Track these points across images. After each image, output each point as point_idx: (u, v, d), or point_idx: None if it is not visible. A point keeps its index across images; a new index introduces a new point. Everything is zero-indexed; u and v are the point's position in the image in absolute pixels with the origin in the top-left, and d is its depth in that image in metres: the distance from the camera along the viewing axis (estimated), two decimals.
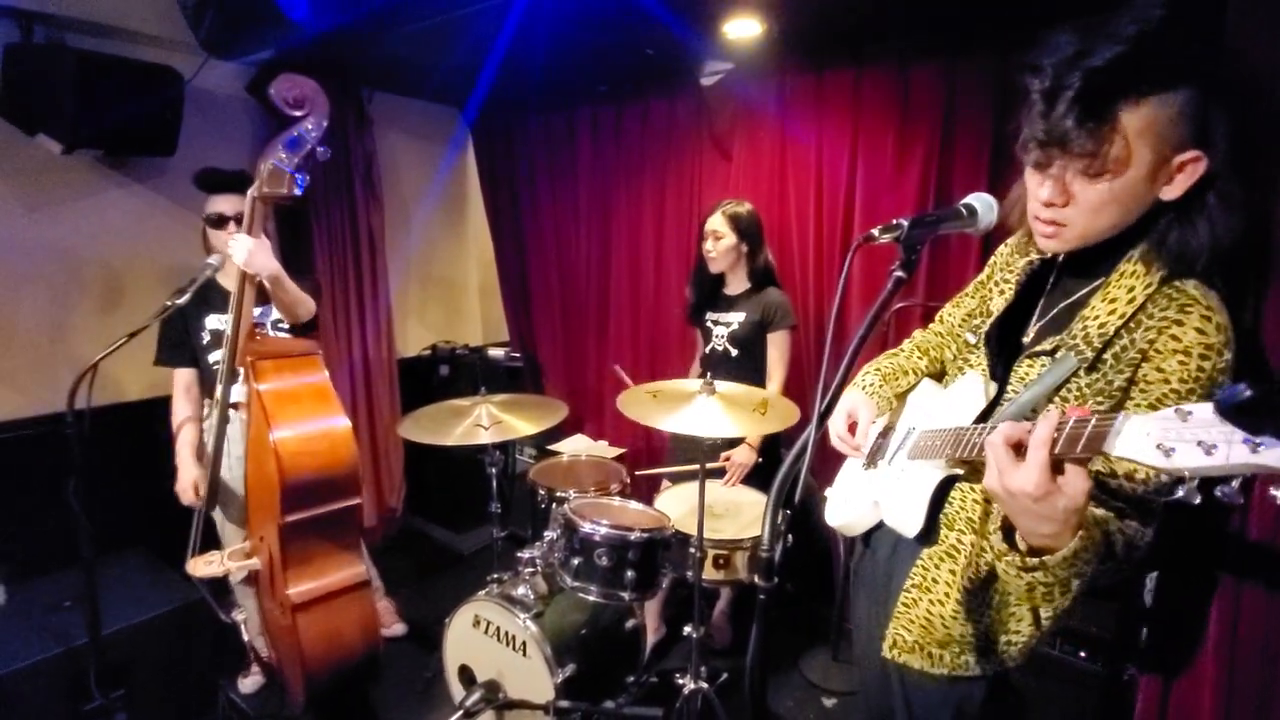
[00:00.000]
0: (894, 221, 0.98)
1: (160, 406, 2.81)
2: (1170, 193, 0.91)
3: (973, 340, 1.22)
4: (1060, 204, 0.95)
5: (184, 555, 2.05)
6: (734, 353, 2.47)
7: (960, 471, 1.11)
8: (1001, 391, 1.10)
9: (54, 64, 2.27)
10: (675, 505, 2.27)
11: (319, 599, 1.86)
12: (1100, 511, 0.93)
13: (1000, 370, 1.13)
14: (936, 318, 1.46)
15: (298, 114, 1.80)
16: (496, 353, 3.84)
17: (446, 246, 4.12)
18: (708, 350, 2.54)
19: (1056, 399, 1.00)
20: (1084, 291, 1.03)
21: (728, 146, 3.01)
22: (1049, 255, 1.13)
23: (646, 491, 2.69)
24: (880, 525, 1.27)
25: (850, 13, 2.26)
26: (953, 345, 1.38)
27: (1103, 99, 0.86)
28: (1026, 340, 1.10)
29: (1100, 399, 0.96)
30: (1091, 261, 1.02)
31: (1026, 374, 1.06)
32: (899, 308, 2.50)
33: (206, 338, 2.21)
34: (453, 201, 4.12)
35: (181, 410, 2.25)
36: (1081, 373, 0.97)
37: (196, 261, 2.04)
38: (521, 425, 2.25)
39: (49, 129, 2.31)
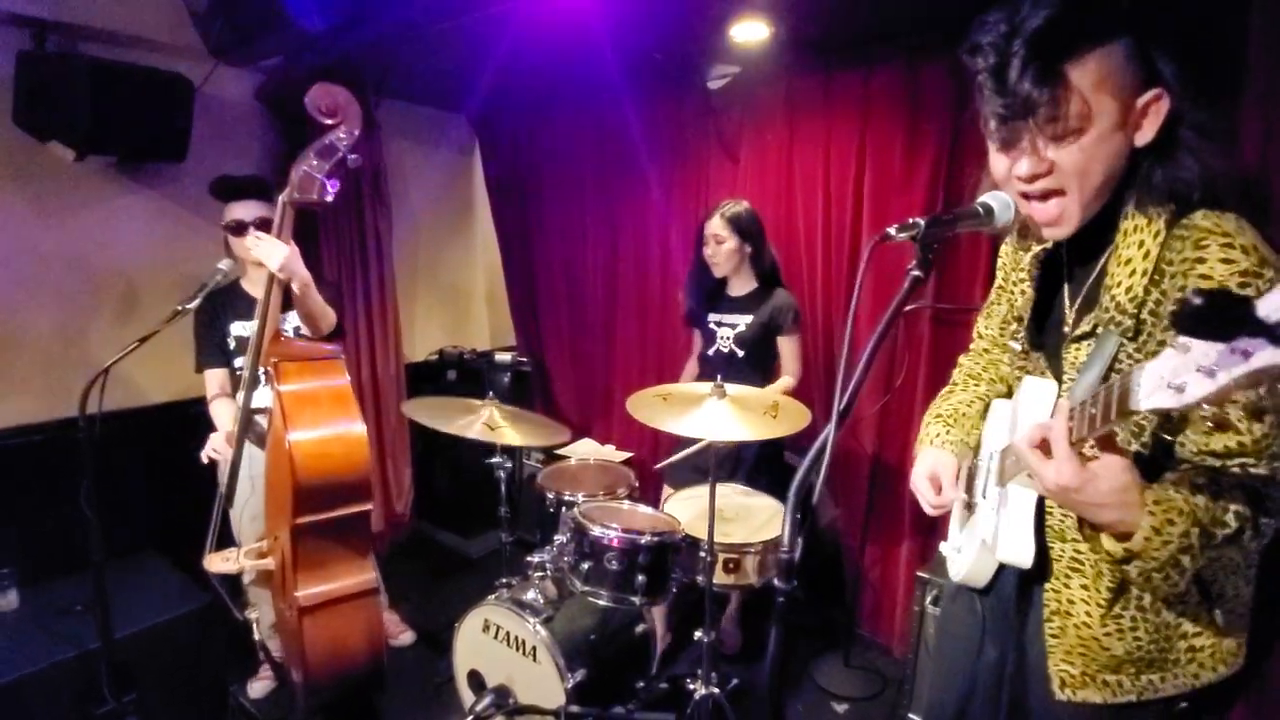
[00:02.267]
0: (910, 220, 0.97)
1: (174, 410, 2.86)
2: (1143, 136, 0.91)
3: (1018, 348, 1.19)
4: (1044, 173, 0.94)
5: (196, 558, 2.05)
6: (740, 354, 2.46)
7: None
8: (1061, 384, 1.07)
9: (67, 72, 2.29)
10: (685, 509, 2.26)
11: (326, 603, 1.86)
12: (1185, 493, 0.88)
13: (1055, 363, 1.10)
14: (975, 334, 1.42)
15: (330, 122, 1.84)
16: (504, 357, 3.84)
17: (454, 251, 4.13)
18: (710, 352, 2.52)
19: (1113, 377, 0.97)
20: (1102, 260, 1.01)
21: (735, 149, 3.01)
22: (1052, 243, 1.11)
23: (656, 488, 2.68)
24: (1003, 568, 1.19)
25: (858, 14, 2.26)
26: (1005, 357, 1.31)
27: (1048, 59, 0.87)
28: (1068, 328, 1.07)
29: None
30: (1096, 233, 1.00)
31: (1075, 359, 1.04)
32: (908, 310, 2.49)
33: (232, 344, 2.26)
34: (460, 207, 4.13)
35: (220, 404, 2.27)
36: (1127, 340, 0.94)
37: (208, 266, 2.05)
38: (522, 438, 2.25)
39: (61, 136, 2.33)
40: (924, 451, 1.27)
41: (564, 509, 2.16)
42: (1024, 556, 1.06)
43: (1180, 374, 0.65)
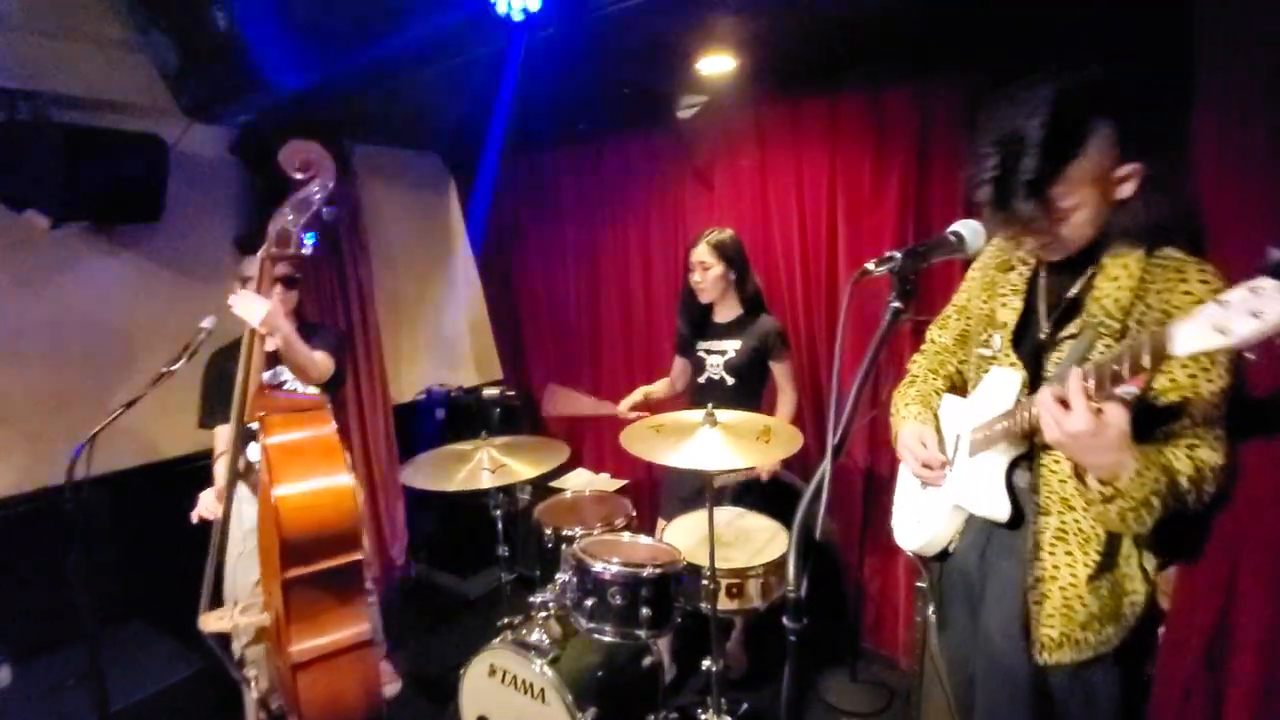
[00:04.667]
0: (887, 254, 1.01)
1: (155, 471, 2.82)
2: (1124, 193, 1.12)
3: (988, 353, 1.34)
4: (1047, 242, 1.16)
5: (186, 622, 2.02)
6: (730, 381, 2.48)
7: (1023, 450, 1.24)
8: (1039, 378, 1.24)
9: (40, 140, 2.29)
10: (684, 537, 2.27)
11: (320, 658, 1.84)
12: (1158, 450, 1.08)
13: (1031, 363, 1.27)
14: (927, 339, 1.58)
15: (304, 177, 1.91)
16: (492, 392, 3.83)
17: (435, 289, 4.14)
18: (702, 380, 2.54)
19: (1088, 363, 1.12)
20: (1084, 279, 1.20)
21: (709, 176, 3.06)
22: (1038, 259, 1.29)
23: (654, 513, 2.68)
24: (956, 540, 1.39)
25: (819, 45, 2.33)
26: (952, 362, 1.54)
27: (1043, 187, 1.06)
28: (1043, 335, 1.26)
29: None
30: (1075, 260, 1.20)
31: (1058, 359, 1.21)
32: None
33: (234, 403, 2.22)
34: (439, 244, 4.14)
35: (224, 461, 2.24)
36: (1114, 342, 1.12)
37: (190, 325, 2.05)
38: (524, 469, 2.26)
39: (37, 204, 2.32)
40: (907, 425, 1.45)
41: (563, 545, 2.16)
42: (1001, 510, 1.26)
43: (1223, 320, 0.81)
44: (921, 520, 1.45)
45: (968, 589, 1.39)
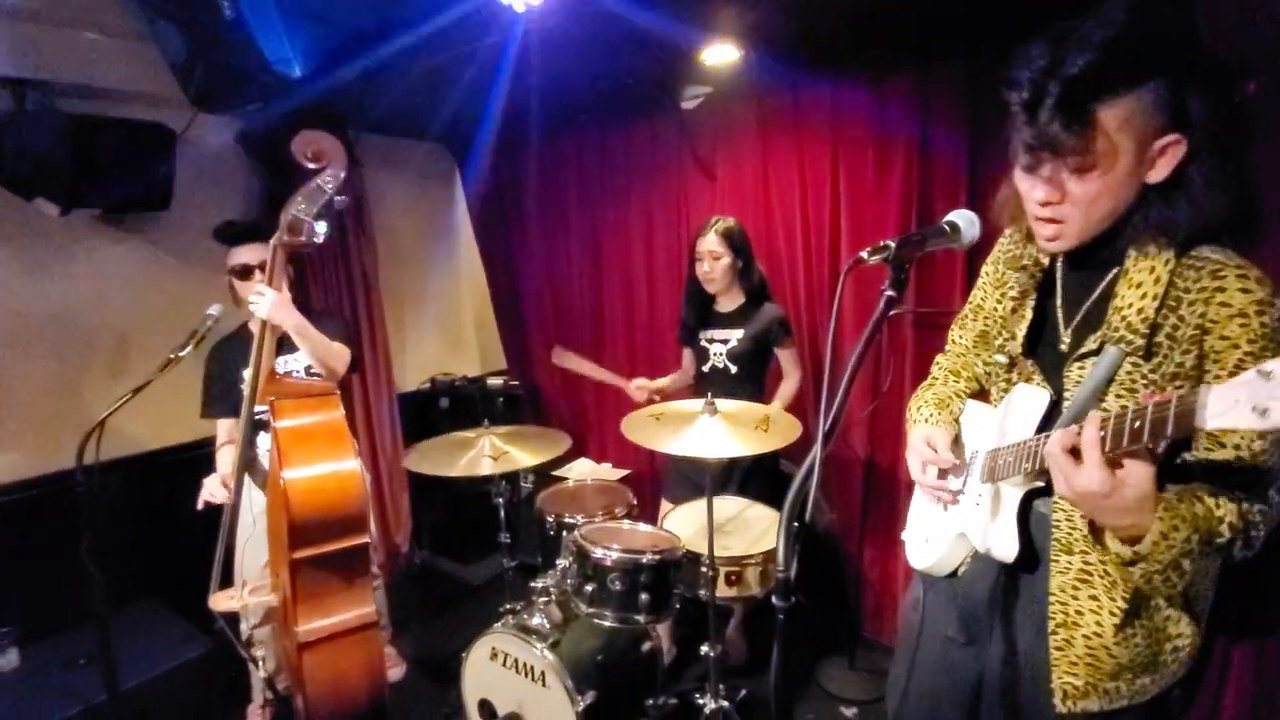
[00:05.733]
0: (881, 243, 1.02)
1: (166, 456, 2.86)
2: (1155, 175, 0.96)
3: (1004, 361, 1.24)
4: (1056, 201, 1.00)
5: (197, 603, 2.06)
6: (733, 370, 2.49)
7: (1041, 484, 1.11)
8: (1060, 398, 1.11)
9: (48, 129, 2.31)
10: (684, 524, 2.29)
11: (325, 638, 1.87)
12: (1188, 502, 0.93)
13: (1053, 378, 1.14)
14: (949, 339, 1.49)
15: (316, 166, 1.94)
16: (495, 382, 3.87)
17: (440, 279, 4.17)
18: (706, 369, 2.56)
19: (1112, 393, 1.03)
20: (1105, 282, 1.07)
21: (711, 166, 3.07)
22: (1049, 258, 1.18)
23: (656, 502, 2.71)
24: (967, 562, 1.26)
25: (822, 33, 2.33)
26: (977, 363, 1.41)
27: (1080, 103, 0.91)
28: (1064, 346, 1.12)
29: (1179, 382, 0.98)
30: (1093, 252, 1.07)
31: (1080, 377, 1.08)
32: (890, 316, 2.54)
33: (245, 390, 2.26)
34: (444, 234, 4.17)
35: (226, 450, 2.31)
36: (1140, 360, 1.00)
37: (198, 313, 2.07)
38: (525, 457, 2.28)
39: (46, 192, 2.35)
40: (916, 429, 1.33)
41: (565, 532, 2.18)
42: (1008, 549, 1.12)
43: (1263, 398, 0.70)
44: (930, 539, 1.32)
45: (972, 618, 1.25)
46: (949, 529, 1.26)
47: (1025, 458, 1.07)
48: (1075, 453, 0.89)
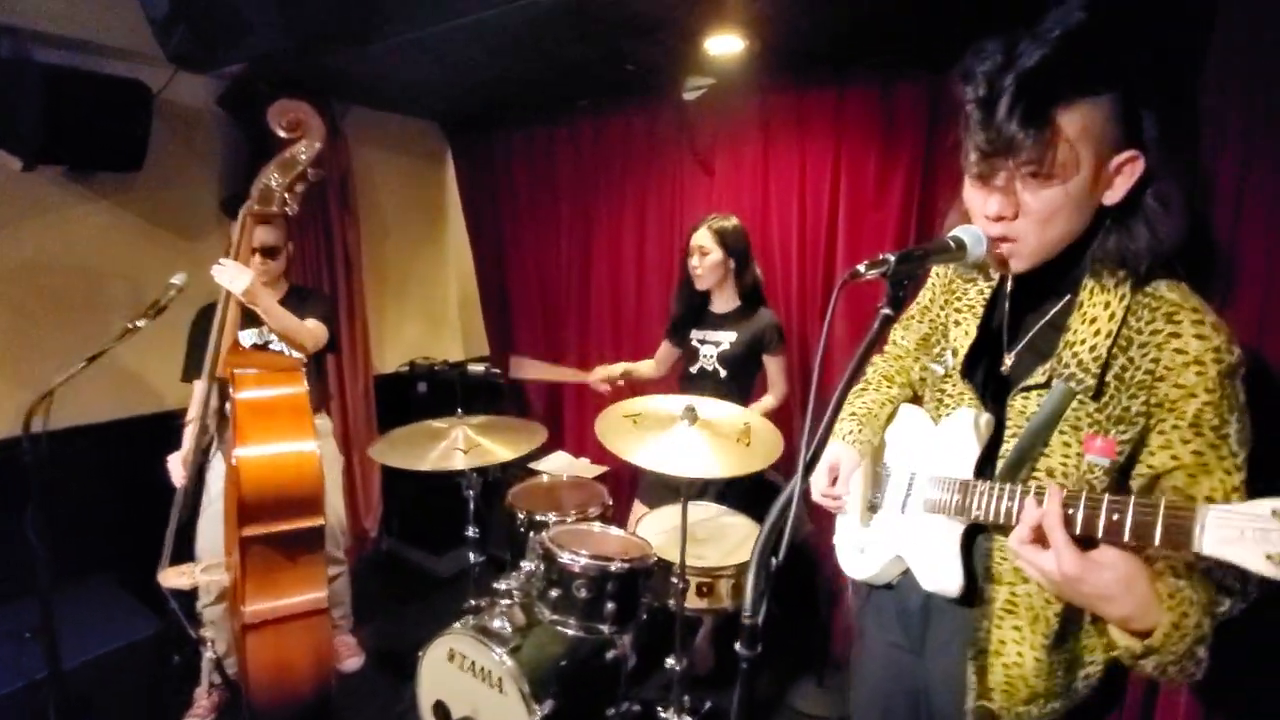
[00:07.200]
0: (880, 256, 0.93)
1: (126, 427, 2.76)
2: (1112, 196, 0.92)
3: (941, 372, 1.18)
4: (1010, 216, 0.94)
5: (148, 580, 2.00)
6: (723, 373, 2.43)
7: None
8: (1001, 430, 1.06)
9: (17, 78, 2.20)
10: (656, 531, 2.22)
11: (271, 621, 1.81)
12: (1190, 581, 0.86)
13: (991, 404, 1.09)
14: (890, 339, 1.43)
15: (290, 136, 1.90)
16: (477, 368, 3.78)
17: (425, 261, 4.06)
18: (694, 370, 2.49)
19: (1059, 431, 0.98)
20: (1056, 310, 1.03)
21: (709, 161, 2.99)
22: (1003, 276, 1.12)
23: (630, 502, 2.64)
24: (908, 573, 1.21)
25: (831, 32, 2.26)
26: (915, 368, 1.35)
27: (1039, 101, 0.86)
28: (1006, 369, 1.08)
29: (1122, 427, 0.93)
30: (1047, 276, 1.01)
31: (1024, 408, 1.03)
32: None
33: (208, 361, 2.20)
34: (431, 215, 4.06)
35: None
36: (1087, 400, 0.95)
37: (164, 278, 1.98)
38: (499, 450, 2.19)
39: (7, 145, 2.23)
40: (833, 444, 1.26)
41: (534, 531, 2.11)
42: (952, 587, 1.08)
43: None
44: (866, 552, 1.28)
45: (906, 627, 1.23)
46: (885, 548, 1.22)
47: (969, 499, 1.01)
48: (1040, 541, 0.82)
